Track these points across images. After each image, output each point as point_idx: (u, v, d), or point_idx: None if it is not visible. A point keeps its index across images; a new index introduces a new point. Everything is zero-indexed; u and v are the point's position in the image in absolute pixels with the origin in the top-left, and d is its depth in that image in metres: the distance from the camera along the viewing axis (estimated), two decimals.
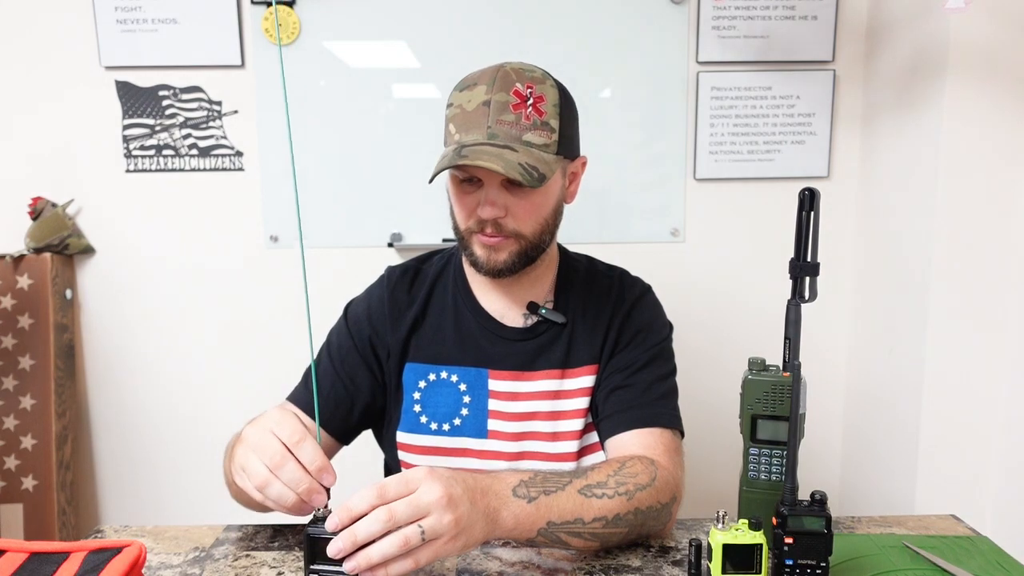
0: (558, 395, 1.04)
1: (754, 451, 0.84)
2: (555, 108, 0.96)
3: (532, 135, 0.93)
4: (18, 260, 1.73)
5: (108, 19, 1.72)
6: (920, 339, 1.52)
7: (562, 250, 1.12)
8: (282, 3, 1.71)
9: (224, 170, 1.79)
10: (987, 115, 1.43)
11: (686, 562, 0.84)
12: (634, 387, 1.01)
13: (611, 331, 1.05)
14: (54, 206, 1.75)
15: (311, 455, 0.75)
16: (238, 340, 1.85)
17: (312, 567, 0.70)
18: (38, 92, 1.75)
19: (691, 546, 0.80)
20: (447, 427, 1.04)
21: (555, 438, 1.04)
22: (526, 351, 1.04)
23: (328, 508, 0.73)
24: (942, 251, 1.47)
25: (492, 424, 1.04)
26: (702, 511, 0.94)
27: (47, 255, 1.73)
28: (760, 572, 0.74)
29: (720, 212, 1.81)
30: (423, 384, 1.05)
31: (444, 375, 1.05)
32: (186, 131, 1.77)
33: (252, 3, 1.71)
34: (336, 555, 0.67)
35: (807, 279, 0.77)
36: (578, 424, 1.04)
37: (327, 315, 1.11)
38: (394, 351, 1.06)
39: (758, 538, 0.74)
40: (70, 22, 1.72)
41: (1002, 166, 1.44)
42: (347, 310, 1.11)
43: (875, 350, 1.73)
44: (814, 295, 0.78)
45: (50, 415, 1.74)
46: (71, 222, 1.77)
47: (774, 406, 0.82)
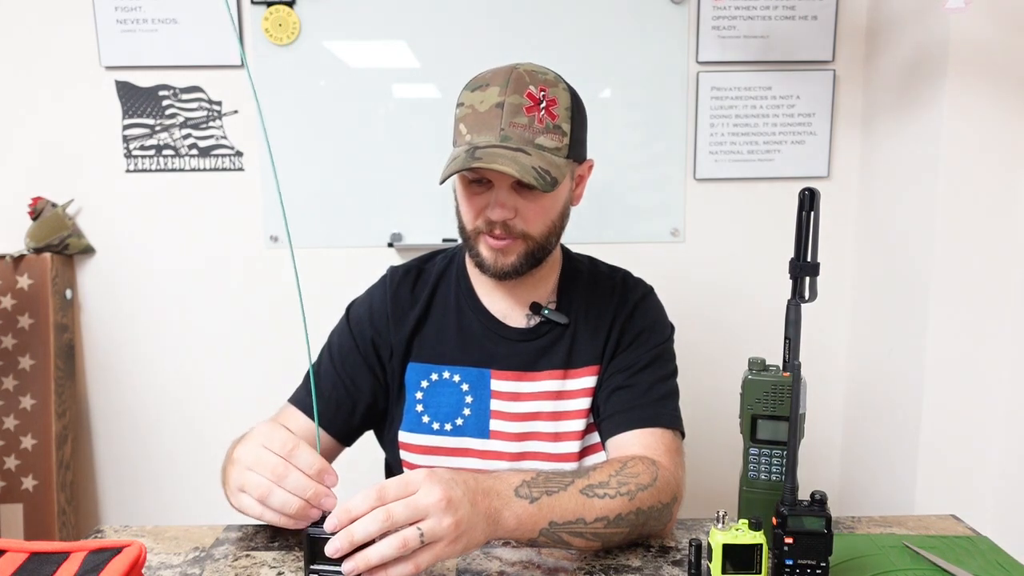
0: (560, 395, 1.04)
1: (754, 451, 0.84)
2: (567, 112, 0.96)
3: (544, 138, 0.93)
4: (18, 260, 1.73)
5: (108, 19, 1.71)
6: (920, 339, 1.52)
7: (565, 251, 1.13)
8: (282, 3, 1.71)
9: (224, 170, 1.79)
10: (987, 115, 1.43)
11: (686, 562, 0.84)
12: (635, 387, 1.01)
13: (613, 332, 1.05)
14: (54, 206, 1.75)
15: (308, 460, 0.75)
16: (238, 340, 1.85)
17: (312, 567, 0.70)
18: (38, 92, 1.75)
19: (691, 546, 0.80)
20: (449, 427, 1.04)
21: (557, 438, 1.04)
22: (529, 351, 1.04)
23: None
24: (942, 251, 1.47)
25: (494, 424, 1.04)
26: (702, 511, 0.94)
27: (47, 255, 1.73)
28: (760, 572, 0.74)
29: (720, 212, 1.81)
30: (425, 384, 1.05)
31: (446, 375, 1.05)
32: (186, 131, 1.77)
33: (252, 3, 1.71)
34: (334, 554, 0.67)
35: (807, 279, 0.77)
36: (580, 424, 1.04)
37: (327, 315, 1.11)
38: (397, 351, 1.06)
39: (758, 538, 0.74)
40: (70, 22, 1.72)
41: (1002, 166, 1.44)
42: (349, 311, 1.11)
43: (875, 350, 1.73)
44: (814, 295, 0.78)
45: (50, 415, 1.74)
46: (71, 222, 1.77)
47: (774, 406, 0.82)
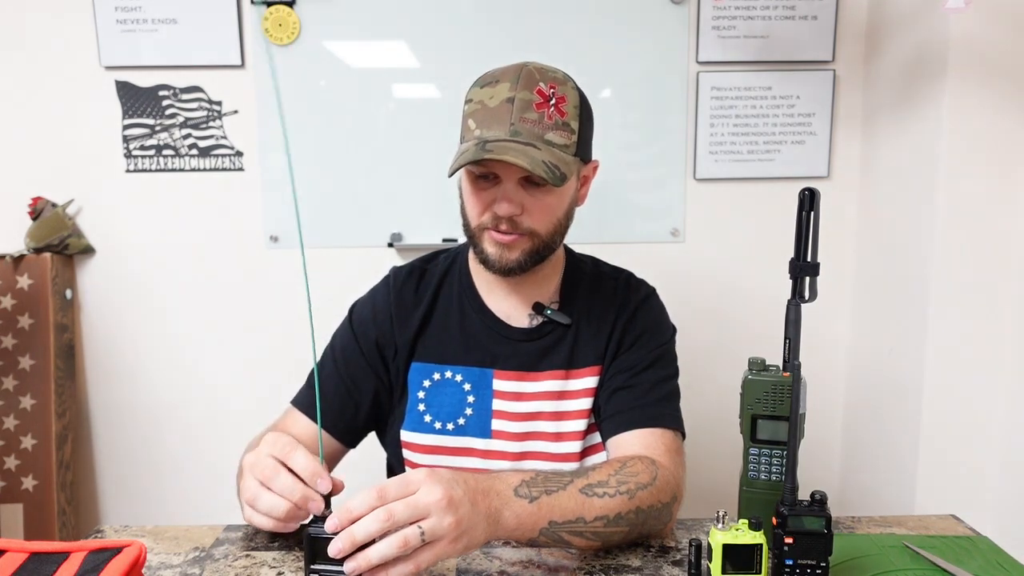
0: (562, 395, 1.04)
1: (754, 451, 0.84)
2: (575, 110, 0.96)
3: (553, 135, 0.94)
4: (18, 260, 1.73)
5: (108, 19, 1.71)
6: (920, 339, 1.52)
7: (568, 251, 1.13)
8: (282, 3, 1.71)
9: (224, 170, 1.79)
10: (987, 115, 1.43)
11: (686, 562, 0.84)
12: (637, 388, 1.01)
13: (615, 332, 1.05)
14: (54, 206, 1.75)
15: (303, 463, 0.75)
16: (238, 340, 1.85)
17: (313, 567, 0.70)
18: (38, 92, 1.75)
19: (691, 546, 0.80)
20: (451, 426, 1.04)
21: (559, 438, 1.04)
22: (531, 352, 1.04)
23: (329, 510, 0.73)
24: (942, 251, 1.47)
25: (496, 424, 1.04)
26: (702, 511, 0.94)
27: (47, 255, 1.73)
28: (760, 572, 0.74)
29: (720, 212, 1.81)
30: (428, 383, 1.05)
31: (449, 375, 1.05)
32: (186, 131, 1.77)
33: (252, 3, 1.71)
34: (336, 555, 0.67)
35: (807, 279, 0.77)
36: (581, 424, 1.04)
37: (327, 315, 1.11)
38: (401, 351, 1.06)
39: (758, 538, 0.74)
40: (70, 22, 1.72)
41: (1002, 166, 1.44)
42: (352, 312, 1.11)
43: (875, 350, 1.73)
44: (814, 295, 0.78)
45: (50, 415, 1.74)
46: (71, 222, 1.77)
47: (774, 406, 0.82)
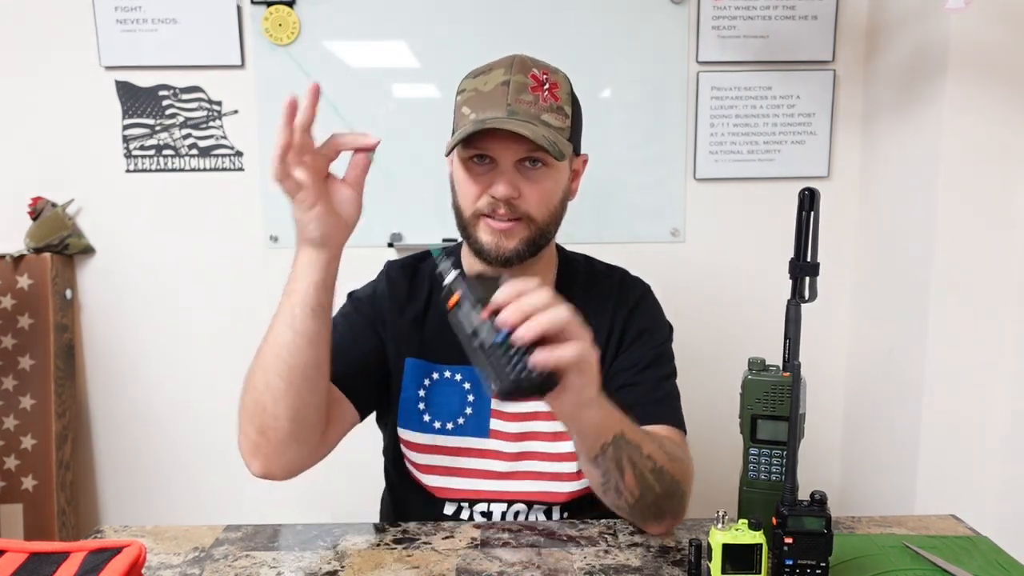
0: None
1: (754, 451, 0.84)
2: (568, 96, 0.98)
3: (549, 116, 0.94)
4: (18, 260, 1.73)
5: (108, 19, 1.71)
6: (920, 339, 1.52)
7: (560, 250, 1.12)
8: (282, 3, 1.71)
9: (224, 170, 1.78)
10: (987, 115, 1.42)
11: (686, 562, 0.84)
12: (640, 385, 1.01)
13: (614, 331, 1.05)
14: (54, 206, 1.75)
15: (339, 137, 0.83)
16: (238, 340, 1.83)
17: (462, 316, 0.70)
18: (38, 92, 1.75)
19: (691, 546, 0.80)
20: (450, 426, 1.04)
21: (556, 438, 1.04)
22: None
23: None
24: (942, 251, 1.47)
25: (494, 424, 1.04)
26: (702, 511, 0.94)
27: (47, 255, 1.73)
28: (760, 572, 0.74)
29: (720, 212, 1.81)
30: (427, 382, 1.05)
31: (448, 374, 1.05)
32: (186, 131, 1.77)
33: (252, 3, 1.71)
34: (509, 319, 0.68)
35: (807, 279, 0.78)
36: None
37: None
38: (397, 338, 1.05)
39: (758, 538, 0.74)
40: (70, 22, 1.72)
41: (1002, 166, 1.44)
42: (349, 296, 1.10)
43: (875, 350, 1.73)
44: (814, 295, 0.78)
45: (50, 415, 1.74)
46: (71, 222, 1.77)
47: (774, 406, 0.83)
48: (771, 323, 1.04)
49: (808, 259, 0.77)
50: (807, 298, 0.78)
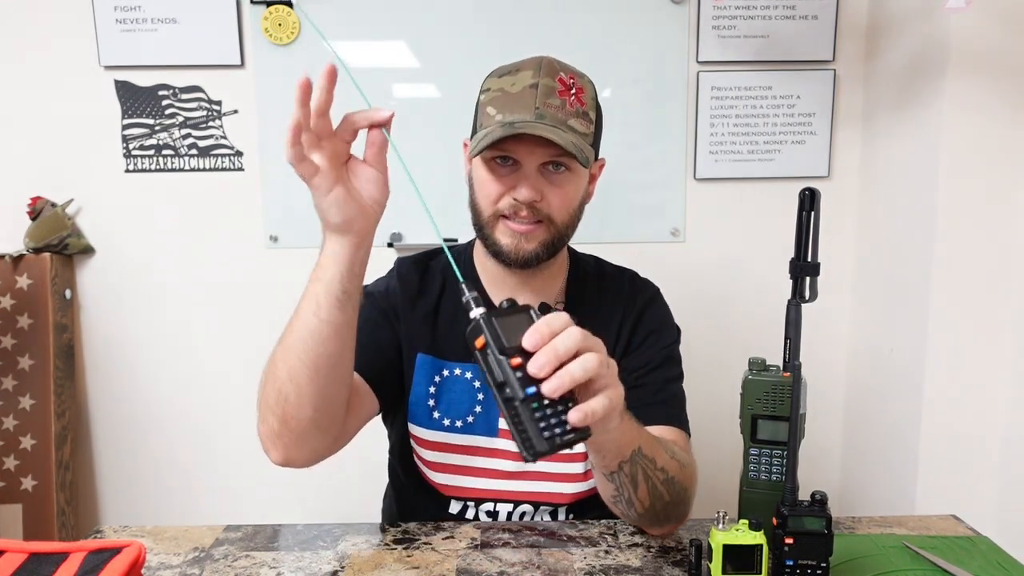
0: None
1: (754, 451, 0.84)
2: (593, 102, 0.99)
3: (575, 122, 0.95)
4: (17, 260, 1.73)
5: (107, 19, 1.71)
6: (920, 339, 1.52)
7: (571, 251, 1.12)
8: (282, 3, 1.71)
9: (224, 170, 1.78)
10: (987, 115, 1.42)
11: (686, 562, 0.84)
12: (648, 387, 1.01)
13: (623, 332, 1.05)
14: (53, 206, 1.75)
15: (353, 116, 0.77)
16: (237, 340, 1.84)
17: (496, 379, 0.61)
18: (37, 92, 1.75)
19: (691, 546, 0.80)
20: (460, 424, 1.04)
21: None
22: None
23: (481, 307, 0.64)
24: (942, 251, 1.47)
25: (503, 423, 1.04)
26: (702, 511, 0.94)
27: (46, 255, 1.73)
28: (760, 572, 0.74)
29: (720, 212, 1.81)
30: (438, 379, 1.05)
31: (458, 372, 1.05)
32: (186, 131, 1.77)
33: (252, 3, 1.71)
34: (537, 373, 0.60)
35: (807, 279, 0.77)
36: None
37: None
38: (409, 333, 1.05)
39: (758, 538, 0.74)
40: (69, 21, 1.72)
41: (1002, 166, 1.44)
42: (364, 289, 1.10)
43: (875, 350, 1.73)
44: (814, 295, 0.78)
45: (49, 415, 1.73)
46: (70, 222, 1.77)
47: (774, 406, 0.83)
48: (771, 323, 1.05)
49: (808, 259, 0.77)
50: (807, 298, 0.78)
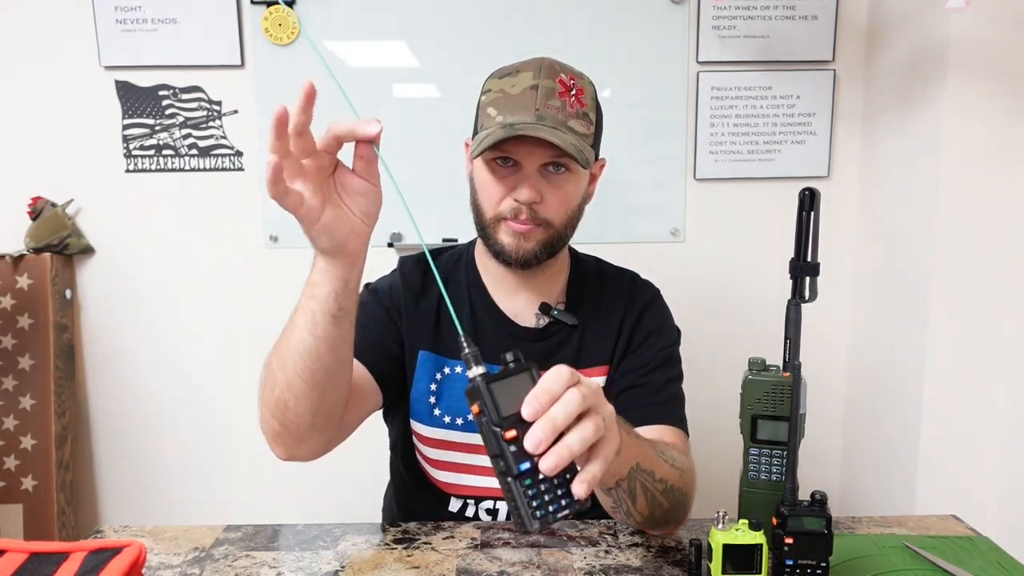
0: None
1: (754, 451, 0.84)
2: (593, 102, 0.99)
3: (575, 123, 0.95)
4: (18, 260, 1.73)
5: (108, 19, 1.71)
6: (920, 339, 1.52)
7: (572, 252, 1.13)
8: (282, 3, 1.70)
9: (224, 170, 1.78)
10: (987, 115, 1.42)
11: (686, 562, 0.84)
12: (647, 387, 1.02)
13: (623, 333, 1.06)
14: (54, 206, 1.75)
15: (339, 126, 0.70)
16: (238, 340, 1.85)
17: (495, 452, 0.58)
18: (38, 92, 1.75)
19: (691, 546, 0.80)
20: (460, 421, 1.04)
21: None
22: (538, 352, 1.04)
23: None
24: (942, 251, 1.47)
25: None
26: (702, 511, 0.94)
27: (47, 255, 1.73)
28: (760, 572, 0.74)
29: (720, 212, 1.81)
30: (439, 376, 1.05)
31: (459, 370, 1.05)
32: (186, 131, 1.77)
33: (252, 3, 1.71)
34: (535, 449, 0.56)
35: (807, 279, 0.77)
36: None
37: None
38: (411, 330, 1.05)
39: (758, 538, 0.74)
40: (70, 22, 1.72)
41: (1002, 166, 1.44)
42: (367, 286, 1.10)
43: (875, 350, 1.73)
44: (814, 295, 0.78)
45: (50, 415, 1.73)
46: (71, 222, 1.77)
47: (774, 406, 0.83)
48: (771, 323, 1.05)
49: (808, 259, 0.77)
50: (807, 298, 0.78)
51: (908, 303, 1.57)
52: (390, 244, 1.76)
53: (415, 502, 1.11)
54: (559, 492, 0.58)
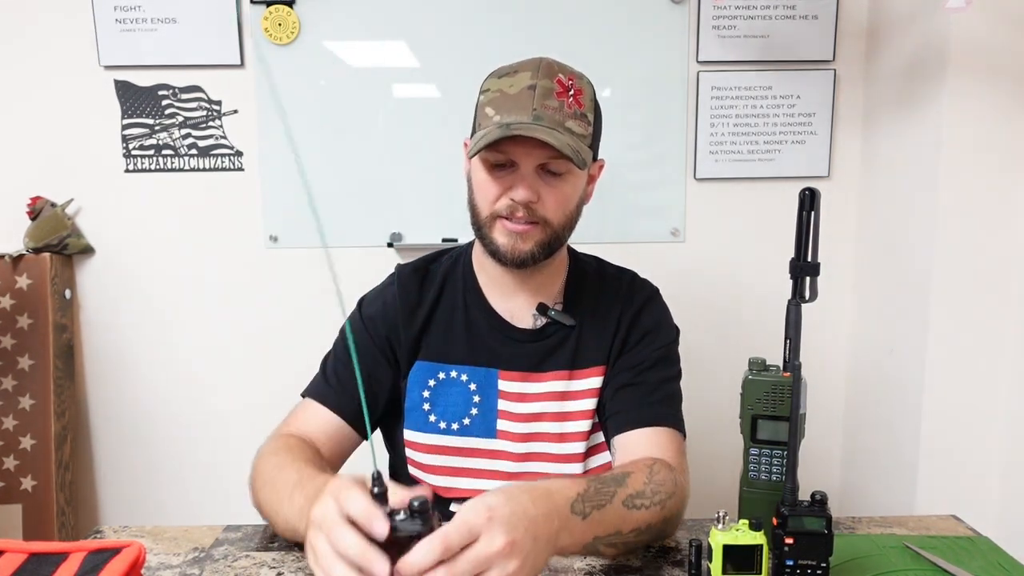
0: (565, 396, 1.04)
1: (754, 451, 0.84)
2: (591, 103, 0.99)
3: (573, 123, 0.95)
4: (17, 260, 1.73)
5: (107, 18, 1.71)
6: (920, 339, 1.52)
7: (571, 251, 1.12)
8: (282, 3, 1.70)
9: (224, 170, 1.78)
10: (987, 115, 1.42)
11: (686, 562, 0.84)
12: (642, 386, 1.01)
13: (619, 332, 1.05)
14: (53, 206, 1.75)
15: (358, 507, 0.62)
16: (237, 340, 1.84)
17: None
18: (37, 92, 1.75)
19: (691, 546, 0.80)
20: (456, 426, 1.04)
21: (562, 439, 1.03)
22: (535, 352, 1.04)
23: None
24: (942, 251, 1.47)
25: (501, 424, 1.04)
26: (702, 511, 0.94)
27: (46, 255, 1.73)
28: (760, 573, 0.74)
29: (720, 212, 1.81)
30: (432, 383, 1.05)
31: (454, 374, 1.05)
32: (186, 131, 1.77)
33: (252, 3, 1.71)
34: None
35: (807, 279, 0.77)
36: (585, 425, 1.03)
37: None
38: (408, 348, 1.05)
39: (758, 539, 0.74)
40: (69, 21, 1.72)
41: (1002, 165, 1.44)
42: (360, 307, 1.09)
43: (875, 350, 1.73)
44: (814, 295, 0.78)
45: (49, 415, 1.73)
46: (70, 222, 1.77)
47: (774, 406, 0.82)
48: (771, 323, 1.04)
49: (808, 259, 0.77)
50: (807, 298, 0.78)
51: (908, 303, 1.57)
52: (390, 244, 1.76)
53: None
54: None
